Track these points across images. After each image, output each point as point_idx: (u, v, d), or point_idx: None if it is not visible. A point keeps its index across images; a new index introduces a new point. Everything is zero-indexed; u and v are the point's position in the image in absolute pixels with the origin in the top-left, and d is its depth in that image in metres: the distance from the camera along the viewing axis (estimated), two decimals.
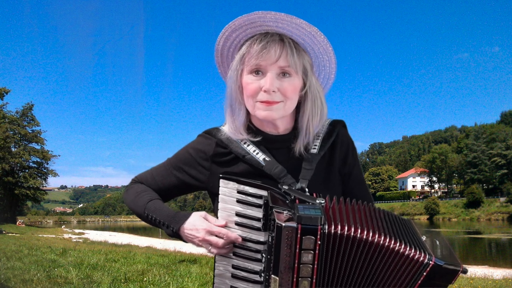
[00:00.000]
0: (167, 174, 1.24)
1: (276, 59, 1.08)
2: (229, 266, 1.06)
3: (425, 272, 0.91)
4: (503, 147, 72.42)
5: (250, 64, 1.09)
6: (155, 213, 1.16)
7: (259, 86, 1.09)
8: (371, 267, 0.95)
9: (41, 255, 10.91)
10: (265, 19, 1.08)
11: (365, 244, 0.93)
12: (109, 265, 9.11)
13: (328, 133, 1.22)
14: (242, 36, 1.14)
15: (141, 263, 9.63)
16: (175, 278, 7.32)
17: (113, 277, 7.34)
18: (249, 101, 1.12)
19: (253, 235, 1.05)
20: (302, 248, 0.89)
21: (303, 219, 0.89)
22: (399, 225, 1.01)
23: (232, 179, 1.07)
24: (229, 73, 1.16)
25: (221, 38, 1.16)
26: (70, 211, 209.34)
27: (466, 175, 79.32)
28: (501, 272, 10.90)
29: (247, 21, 1.10)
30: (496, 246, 25.94)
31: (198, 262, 9.89)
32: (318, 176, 1.16)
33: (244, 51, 1.12)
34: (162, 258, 10.91)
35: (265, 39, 1.09)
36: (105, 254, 11.53)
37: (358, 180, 1.27)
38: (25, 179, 51.83)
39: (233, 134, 1.17)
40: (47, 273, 7.49)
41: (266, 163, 1.12)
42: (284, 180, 1.09)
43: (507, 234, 33.93)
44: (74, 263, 9.15)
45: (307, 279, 0.90)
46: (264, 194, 1.03)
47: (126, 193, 1.28)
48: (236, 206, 1.06)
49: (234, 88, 1.14)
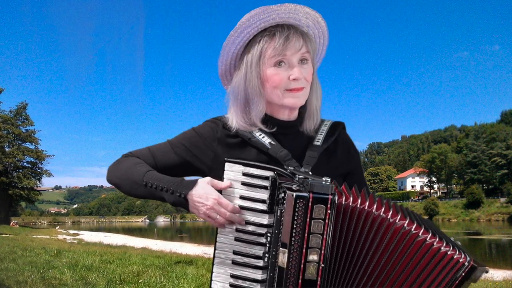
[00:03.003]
0: (167, 151, 1.22)
1: (299, 48, 1.13)
2: (230, 252, 1.06)
3: (464, 273, 0.91)
4: (503, 147, 72.47)
5: (275, 57, 1.13)
6: (156, 180, 1.11)
7: (286, 76, 1.14)
8: (395, 253, 0.94)
9: (35, 256, 10.86)
10: (279, 11, 1.13)
11: (381, 222, 0.93)
12: (104, 266, 9.11)
13: (331, 131, 1.26)
14: (254, 31, 1.16)
15: (136, 264, 9.63)
16: (171, 279, 7.31)
17: (108, 278, 7.31)
18: (274, 91, 1.16)
19: (257, 218, 1.05)
20: (312, 217, 0.89)
21: (315, 187, 0.89)
22: (421, 219, 1.01)
23: (238, 162, 1.07)
24: (245, 68, 1.18)
25: (236, 34, 1.17)
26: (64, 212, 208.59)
27: (466, 175, 79.42)
28: (501, 274, 10.85)
29: (261, 15, 1.13)
30: (496, 247, 25.92)
31: (194, 263, 9.91)
32: (320, 167, 1.18)
33: (262, 46, 1.15)
34: (158, 259, 10.94)
35: (283, 31, 1.13)
36: (100, 255, 11.54)
37: (360, 180, 1.29)
38: (19, 179, 51.64)
39: (246, 128, 1.19)
40: (41, 274, 7.44)
41: (271, 146, 1.16)
42: (289, 163, 1.11)
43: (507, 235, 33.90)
44: (69, 264, 9.13)
45: (316, 250, 0.89)
46: (270, 175, 1.04)
47: (115, 164, 1.21)
48: (241, 189, 1.07)
49: (255, 82, 1.16)
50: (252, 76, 1.16)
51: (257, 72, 1.16)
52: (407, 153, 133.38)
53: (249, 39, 1.18)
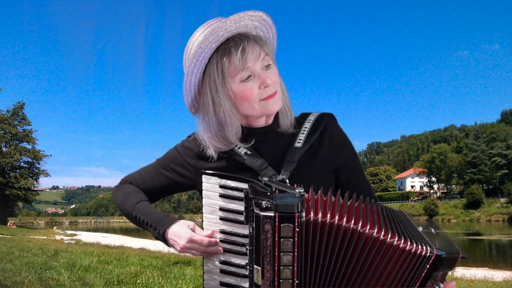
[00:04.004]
0: (155, 174, 1.28)
1: (258, 56, 1.12)
2: (216, 261, 1.09)
3: (428, 264, 0.93)
4: (504, 147, 72.51)
5: (239, 73, 1.11)
6: (143, 214, 1.19)
7: (256, 87, 1.12)
8: (367, 261, 0.95)
9: (32, 257, 10.82)
10: (226, 26, 1.09)
11: (352, 234, 0.93)
12: (102, 267, 9.07)
13: (314, 127, 1.23)
14: (208, 55, 1.13)
15: (134, 265, 9.60)
16: (169, 280, 7.28)
17: (106, 279, 7.30)
18: (250, 105, 1.14)
19: (238, 229, 1.06)
20: (281, 236, 0.90)
21: (279, 207, 0.90)
22: (393, 218, 1.03)
23: (214, 174, 1.09)
24: (210, 94, 1.14)
25: (192, 65, 1.13)
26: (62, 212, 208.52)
27: (465, 175, 79.49)
28: (501, 274, 10.87)
29: (210, 37, 1.10)
30: (497, 248, 25.91)
31: (193, 264, 9.87)
32: (302, 170, 1.17)
33: (222, 66, 1.12)
34: (156, 260, 10.92)
35: (237, 44, 1.11)
36: (97, 256, 11.48)
37: (356, 172, 1.27)
38: (16, 179, 51.24)
39: (224, 149, 1.18)
40: (39, 275, 7.40)
41: (247, 157, 1.16)
42: (265, 173, 1.11)
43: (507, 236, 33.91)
44: (66, 265, 9.09)
45: (288, 267, 0.91)
46: (245, 187, 1.05)
47: (115, 193, 1.32)
48: (219, 200, 1.08)
49: (226, 105, 1.14)
50: (220, 100, 1.13)
51: (225, 94, 1.13)
52: (407, 153, 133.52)
53: (206, 64, 1.14)
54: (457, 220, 67.85)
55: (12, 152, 50.93)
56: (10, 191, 50.97)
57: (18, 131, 52.71)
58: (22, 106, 53.66)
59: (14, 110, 53.04)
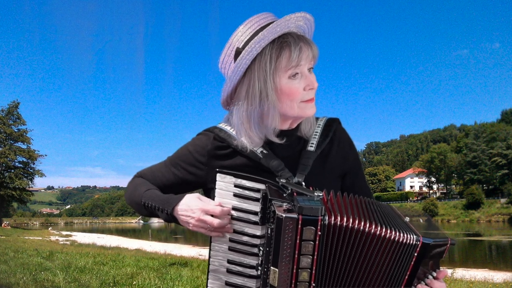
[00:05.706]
0: (166, 171, 1.28)
1: (310, 58, 1.14)
2: (224, 261, 1.08)
3: (416, 252, 0.97)
4: (504, 147, 72.41)
5: (291, 69, 1.12)
6: (150, 199, 1.18)
7: (301, 87, 1.13)
8: (368, 257, 0.98)
9: (27, 258, 10.85)
10: (284, 22, 1.11)
11: (361, 234, 0.96)
12: (98, 268, 9.09)
13: (325, 132, 1.25)
14: (265, 42, 1.12)
15: (130, 266, 9.64)
16: (166, 281, 7.29)
17: (101, 280, 7.29)
18: (290, 104, 1.14)
19: (250, 229, 1.06)
20: (302, 239, 0.91)
21: (304, 210, 0.91)
22: (379, 210, 1.07)
23: (229, 173, 1.08)
24: (258, 83, 1.13)
25: (249, 49, 1.11)
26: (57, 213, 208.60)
27: (465, 175, 79.41)
28: (501, 276, 10.85)
29: (271, 27, 1.10)
30: (497, 249, 25.82)
31: (189, 265, 9.92)
32: (315, 173, 1.19)
33: (275, 57, 1.11)
34: (152, 261, 11.00)
35: (295, 41, 1.12)
36: (93, 257, 11.58)
37: (359, 177, 1.31)
38: (10, 179, 51.05)
39: (259, 144, 1.17)
40: (34, 276, 7.38)
41: (263, 156, 1.16)
42: (282, 174, 1.12)
43: (507, 236, 33.83)
44: (61, 266, 9.12)
45: (306, 270, 0.92)
46: (262, 188, 1.06)
47: (126, 188, 1.33)
48: (233, 200, 1.08)
49: (272, 96, 1.13)
50: (268, 91, 1.13)
51: (273, 87, 1.13)
52: (406, 153, 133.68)
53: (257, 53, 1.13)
54: (456, 221, 67.79)
55: (6, 152, 50.72)
56: (4, 192, 50.78)
57: (13, 130, 52.43)
58: (17, 105, 53.29)
59: (9, 109, 52.72)
